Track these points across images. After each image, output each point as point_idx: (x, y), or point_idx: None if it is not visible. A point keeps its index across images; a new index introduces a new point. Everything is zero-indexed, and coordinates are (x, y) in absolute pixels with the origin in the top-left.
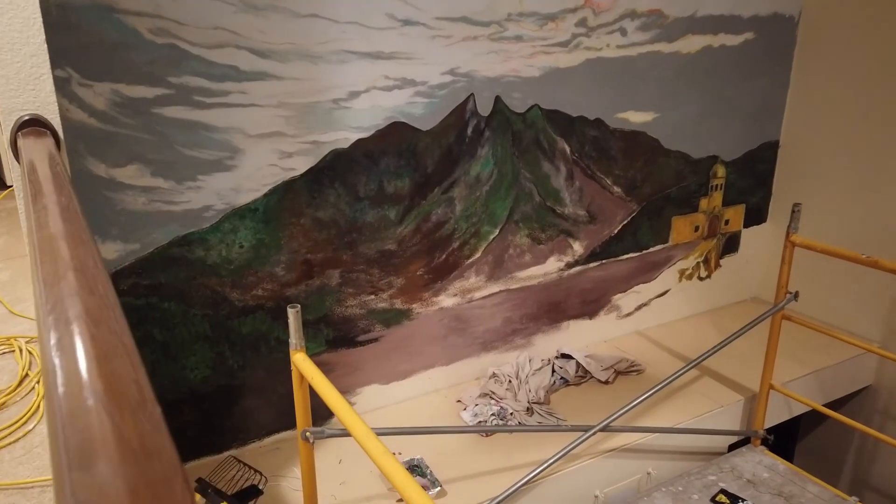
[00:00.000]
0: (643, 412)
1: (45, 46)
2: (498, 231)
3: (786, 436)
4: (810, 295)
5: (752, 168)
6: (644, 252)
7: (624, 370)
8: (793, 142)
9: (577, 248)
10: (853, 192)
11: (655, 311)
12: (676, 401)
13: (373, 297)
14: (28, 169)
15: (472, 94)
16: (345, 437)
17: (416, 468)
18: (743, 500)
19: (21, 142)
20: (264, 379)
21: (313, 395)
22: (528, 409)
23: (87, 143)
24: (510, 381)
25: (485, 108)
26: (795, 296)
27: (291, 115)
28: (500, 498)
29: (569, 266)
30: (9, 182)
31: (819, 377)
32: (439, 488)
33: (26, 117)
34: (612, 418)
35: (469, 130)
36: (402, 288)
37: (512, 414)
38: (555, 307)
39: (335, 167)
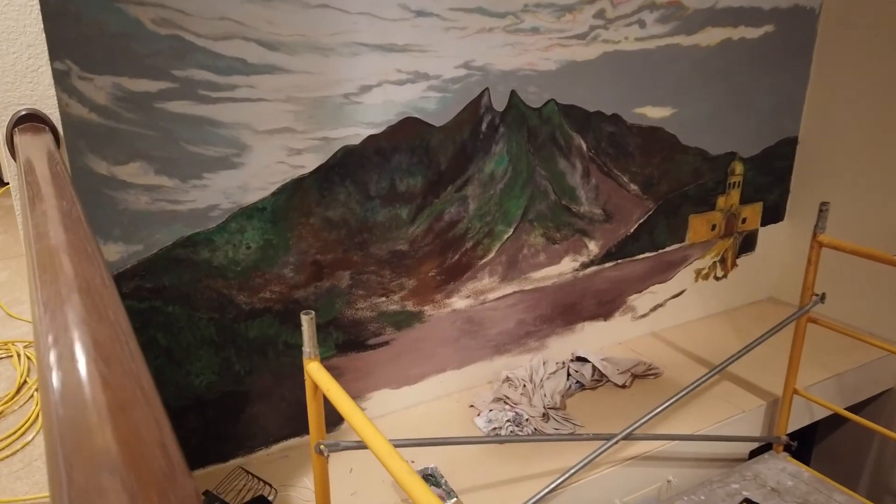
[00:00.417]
0: (663, 418)
1: (43, 36)
2: (512, 230)
3: (802, 440)
4: (830, 296)
5: (770, 165)
6: (660, 251)
7: (641, 373)
8: (812, 138)
9: (593, 247)
10: (874, 191)
11: (671, 311)
12: (696, 406)
13: (384, 299)
14: (25, 168)
15: (487, 89)
16: (361, 449)
17: (430, 477)
18: None
19: (18, 138)
20: (272, 385)
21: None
22: (543, 414)
23: (88, 139)
24: (524, 385)
25: (500, 103)
26: (822, 298)
27: (300, 110)
28: None
29: (584, 266)
30: (6, 179)
31: (841, 380)
32: (455, 499)
33: (23, 112)
34: (634, 426)
35: (483, 126)
36: (414, 289)
37: (528, 420)
38: (569, 308)
39: (346, 164)
